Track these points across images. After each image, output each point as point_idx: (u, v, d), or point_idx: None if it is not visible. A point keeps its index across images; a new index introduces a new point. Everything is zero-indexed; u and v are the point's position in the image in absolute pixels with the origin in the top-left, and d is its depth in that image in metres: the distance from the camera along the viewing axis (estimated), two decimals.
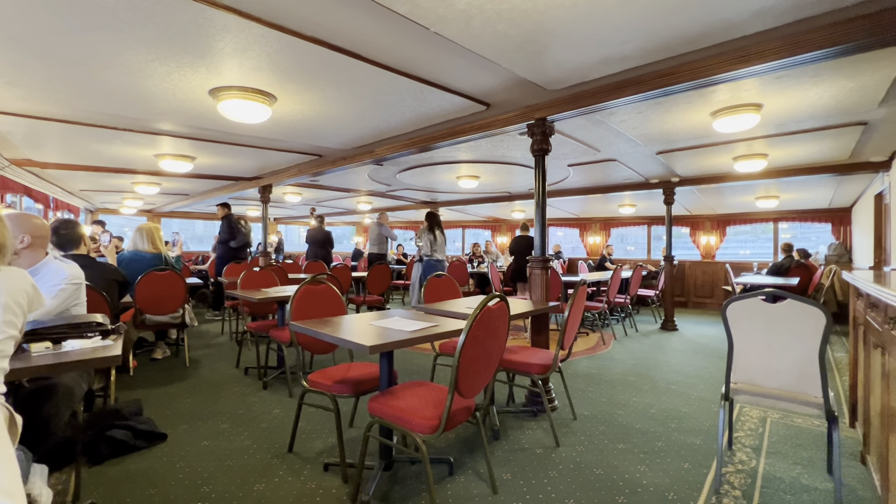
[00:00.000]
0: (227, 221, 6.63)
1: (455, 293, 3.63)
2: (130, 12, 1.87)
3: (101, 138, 4.16)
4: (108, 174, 6.04)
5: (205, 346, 4.82)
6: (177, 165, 4.87)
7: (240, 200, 9.16)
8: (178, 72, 2.50)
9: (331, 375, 2.32)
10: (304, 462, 2.30)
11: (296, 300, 2.58)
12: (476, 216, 11.57)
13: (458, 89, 2.85)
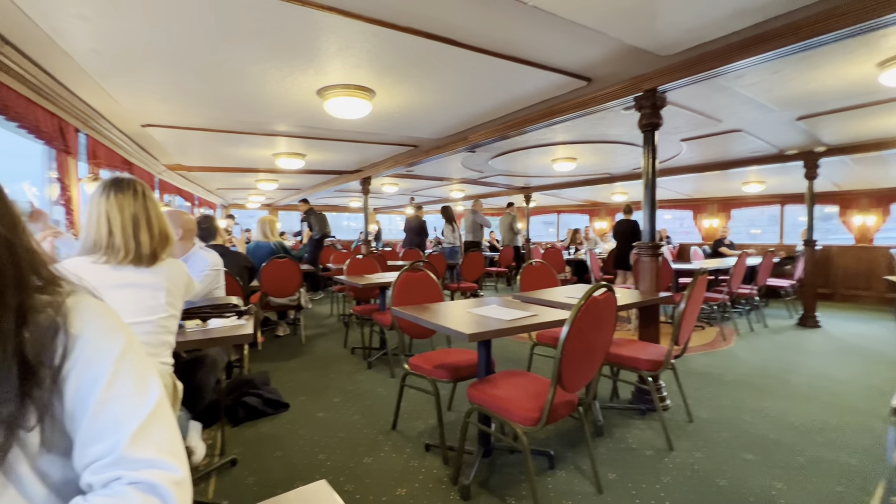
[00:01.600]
0: (311, 216, 7.28)
1: (552, 281, 3.49)
2: (253, 25, 2.07)
3: (231, 142, 4.75)
4: (237, 173, 6.91)
5: (317, 326, 5.32)
6: (290, 163, 5.38)
7: (342, 193, 9.89)
8: (290, 76, 2.73)
9: (431, 360, 2.39)
10: (407, 441, 2.41)
11: (396, 287, 2.69)
12: (571, 200, 11.04)
13: (556, 66, 2.69)
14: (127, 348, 0.61)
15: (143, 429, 0.57)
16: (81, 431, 0.56)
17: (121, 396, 0.57)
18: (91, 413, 0.56)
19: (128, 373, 0.59)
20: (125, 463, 0.54)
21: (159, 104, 3.30)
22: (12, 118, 2.23)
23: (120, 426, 0.56)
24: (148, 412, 0.58)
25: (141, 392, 0.59)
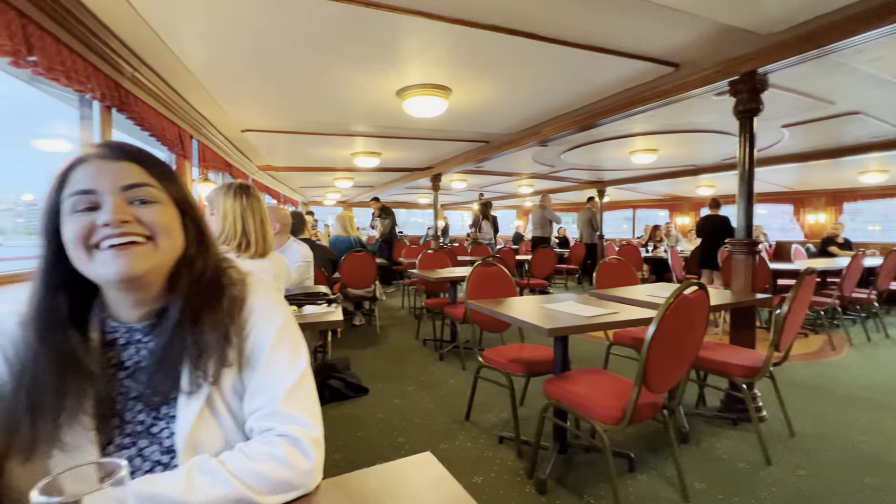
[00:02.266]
0: (384, 213, 7.57)
1: (630, 279, 3.34)
2: (339, 33, 2.21)
3: (314, 143, 5.11)
4: (317, 172, 7.40)
5: (389, 318, 5.56)
6: (367, 161, 5.66)
7: (411, 190, 10.18)
8: (373, 79, 2.88)
9: (505, 354, 2.41)
10: (480, 431, 2.46)
11: (471, 281, 2.74)
12: (650, 194, 10.40)
13: (640, 53, 2.56)
14: (287, 321, 0.74)
15: (293, 391, 0.68)
16: (251, 384, 0.68)
17: (280, 361, 0.69)
18: (260, 370, 0.68)
19: (286, 342, 0.71)
20: (277, 416, 0.66)
21: (256, 111, 3.65)
22: (146, 128, 2.60)
23: (276, 385, 0.68)
24: (297, 377, 0.69)
25: (294, 359, 0.71)
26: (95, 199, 0.60)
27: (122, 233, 0.59)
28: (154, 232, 0.62)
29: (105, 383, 0.64)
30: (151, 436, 0.65)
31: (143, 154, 0.66)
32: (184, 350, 0.64)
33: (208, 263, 0.70)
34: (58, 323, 0.62)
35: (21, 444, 0.57)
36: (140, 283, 0.64)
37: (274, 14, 2.00)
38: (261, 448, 0.63)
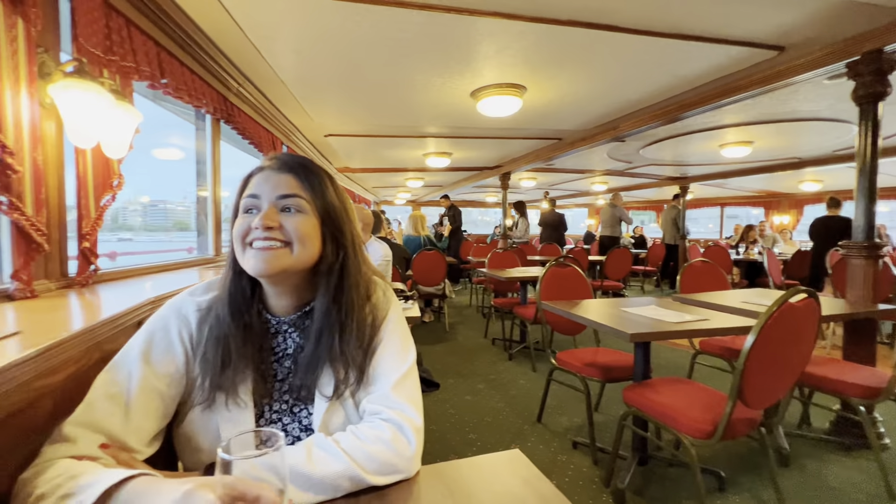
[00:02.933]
0: (452, 211, 7.61)
1: (720, 283, 3.09)
2: (419, 40, 2.29)
3: (388, 145, 5.32)
4: (390, 173, 7.69)
5: (457, 315, 5.63)
6: (438, 161, 5.78)
7: (479, 189, 10.20)
8: (450, 81, 2.94)
9: (580, 357, 2.35)
10: (553, 434, 2.42)
11: (544, 281, 2.70)
12: (741, 190, 9.49)
13: (738, 38, 2.35)
14: (399, 316, 0.82)
15: (402, 380, 0.74)
16: (368, 372, 0.76)
17: (392, 353, 0.77)
18: (375, 360, 0.76)
19: (398, 334, 0.79)
20: (387, 401, 0.72)
21: (338, 117, 3.88)
22: (246, 137, 2.88)
23: (389, 372, 0.75)
24: (406, 368, 0.76)
25: (404, 351, 0.78)
26: (258, 204, 0.70)
27: (265, 237, 0.68)
28: (292, 238, 0.69)
29: (261, 363, 0.75)
30: (293, 414, 0.75)
31: (303, 168, 0.73)
32: (327, 359, 0.73)
33: (348, 272, 0.75)
34: (242, 301, 0.74)
35: (202, 395, 0.70)
36: (277, 280, 0.73)
37: (361, 27, 2.13)
38: (370, 431, 0.69)
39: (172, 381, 0.71)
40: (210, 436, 0.71)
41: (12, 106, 1.10)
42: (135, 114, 1.38)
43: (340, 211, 0.75)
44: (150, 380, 0.69)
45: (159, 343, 0.72)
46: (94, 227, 1.43)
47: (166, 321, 0.74)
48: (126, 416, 0.66)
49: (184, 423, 0.73)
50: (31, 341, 0.72)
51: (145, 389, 0.68)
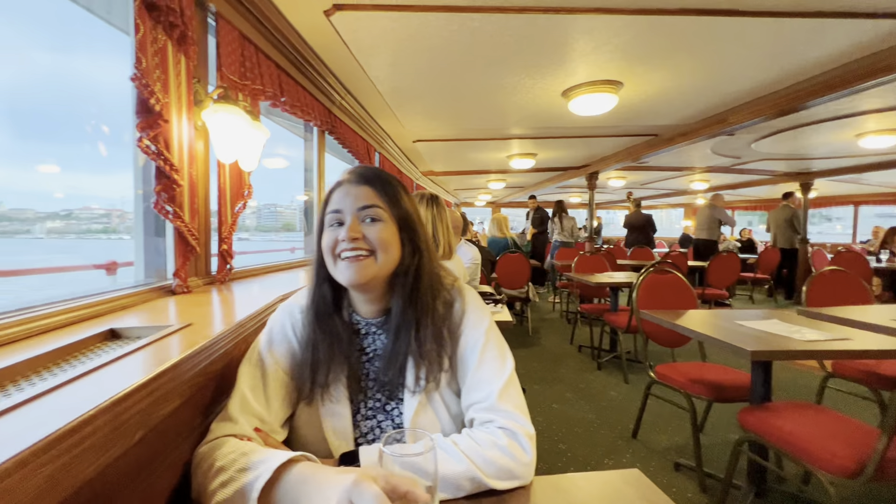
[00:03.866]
0: (540, 212, 7.39)
1: (860, 296, 2.65)
2: (513, 43, 2.29)
3: (472, 148, 5.37)
4: (472, 175, 7.76)
5: (540, 320, 5.51)
6: (522, 163, 5.71)
7: (562, 189, 9.87)
8: (540, 82, 2.89)
9: (684, 372, 2.17)
10: (651, 453, 2.27)
11: (642, 288, 2.54)
12: (881, 186, 8.07)
13: (886, 9, 2.01)
14: (492, 323, 0.82)
15: (506, 388, 0.75)
16: (467, 381, 0.77)
17: (491, 360, 0.77)
18: (473, 368, 0.77)
19: (494, 342, 0.79)
20: (496, 410, 0.73)
21: (427, 123, 4.01)
22: (345, 146, 3.10)
23: (491, 382, 0.75)
24: (507, 377, 0.77)
25: (503, 359, 0.78)
26: (342, 217, 0.76)
27: (352, 248, 0.73)
28: (375, 247, 0.74)
29: (354, 362, 0.80)
30: (386, 412, 0.79)
31: (378, 178, 0.78)
32: (406, 353, 0.76)
33: (422, 273, 0.79)
34: (326, 308, 0.81)
35: (305, 392, 0.77)
36: (366, 288, 0.78)
37: (458, 35, 2.18)
38: (486, 436, 0.71)
39: (291, 372, 0.79)
40: (315, 429, 0.77)
41: (177, 130, 1.31)
42: (264, 131, 1.56)
43: (414, 216, 0.79)
44: (277, 371, 0.78)
45: (278, 339, 0.81)
46: (231, 231, 1.64)
47: (282, 320, 0.83)
48: (268, 403, 0.76)
49: (294, 416, 0.80)
50: (202, 333, 0.84)
51: (275, 379, 0.78)
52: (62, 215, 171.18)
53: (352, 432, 0.76)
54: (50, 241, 56.75)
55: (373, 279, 0.75)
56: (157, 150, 1.21)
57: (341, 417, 0.76)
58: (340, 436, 0.76)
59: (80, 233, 57.66)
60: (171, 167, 1.25)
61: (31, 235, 58.31)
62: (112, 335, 0.88)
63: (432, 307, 0.78)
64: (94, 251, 39.29)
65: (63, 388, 0.56)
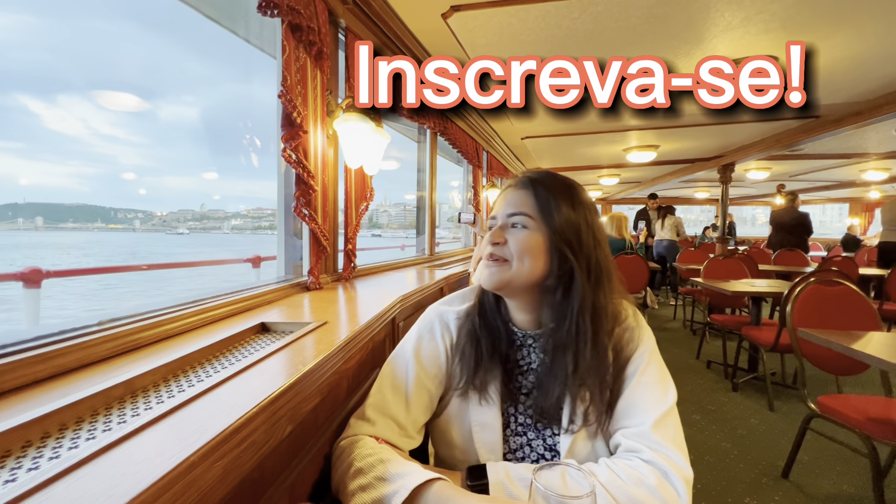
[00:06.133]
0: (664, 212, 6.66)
1: None
2: (642, 25, 2.07)
3: (583, 143, 5.07)
4: (580, 171, 7.35)
5: (660, 329, 5.00)
6: (641, 156, 5.23)
7: (686, 184, 8.84)
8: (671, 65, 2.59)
9: (860, 408, 1.76)
10: (808, 499, 1.89)
11: (799, 301, 2.13)
12: None
13: None
14: (654, 346, 0.74)
15: (664, 418, 0.66)
16: (621, 402, 0.70)
17: (650, 384, 0.69)
18: (629, 390, 0.70)
19: (654, 365, 0.71)
20: (646, 439, 0.65)
21: (539, 118, 3.88)
22: (455, 146, 3.15)
23: (647, 407, 0.67)
24: (668, 406, 0.67)
25: (663, 385, 0.70)
26: (495, 223, 0.74)
27: (491, 253, 0.72)
28: (512, 254, 0.71)
29: (509, 370, 0.77)
30: (538, 431, 0.75)
31: (537, 184, 0.73)
32: (564, 384, 0.69)
33: (574, 291, 0.70)
34: (489, 310, 0.79)
35: (459, 391, 0.76)
36: (508, 294, 0.74)
37: (578, 23, 2.05)
38: (630, 471, 0.62)
39: (436, 379, 0.78)
40: (463, 432, 0.76)
41: (313, 139, 1.43)
42: (385, 136, 1.63)
43: (574, 228, 0.71)
44: (422, 377, 0.78)
45: (427, 345, 0.80)
46: (355, 231, 1.76)
47: (432, 325, 0.82)
48: (407, 407, 0.76)
49: (440, 418, 0.79)
50: (336, 332, 0.89)
51: (418, 385, 0.77)
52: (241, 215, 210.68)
53: (501, 446, 0.74)
54: (232, 235, 71.94)
55: (506, 286, 0.72)
56: (297, 158, 1.33)
57: (492, 430, 0.74)
58: (489, 449, 0.74)
59: (254, 229, 71.63)
60: (308, 174, 1.36)
61: (220, 231, 74.66)
62: (263, 328, 0.98)
63: (594, 335, 0.70)
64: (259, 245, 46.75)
65: (229, 381, 0.62)
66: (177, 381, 0.65)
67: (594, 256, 0.72)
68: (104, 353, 0.70)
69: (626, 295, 0.77)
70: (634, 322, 0.74)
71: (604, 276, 0.73)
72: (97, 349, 0.69)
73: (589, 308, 0.70)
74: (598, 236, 0.73)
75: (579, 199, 0.74)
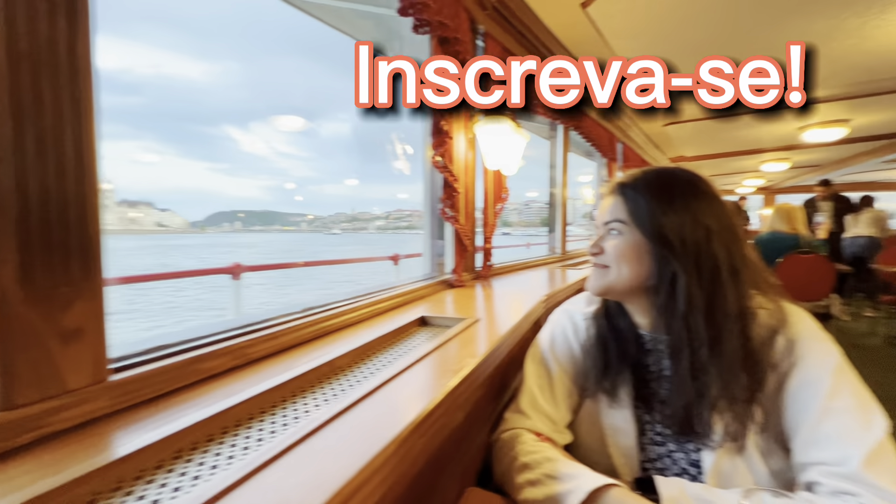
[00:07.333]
0: (840, 203, 5.33)
1: None
2: None
3: (741, 125, 4.36)
4: (735, 158, 6.34)
5: (851, 346, 4.05)
6: (824, 134, 4.30)
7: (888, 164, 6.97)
8: (871, 21, 2.08)
9: None
10: None
11: None
12: None
13: None
14: (841, 363, 0.62)
15: (877, 455, 0.54)
16: (803, 432, 0.60)
17: (845, 411, 0.58)
18: (814, 418, 0.59)
19: (848, 387, 0.59)
20: (861, 482, 0.53)
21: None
22: (589, 140, 3.00)
23: (847, 440, 0.56)
24: (879, 439, 0.55)
25: (866, 412, 0.58)
26: (598, 230, 0.75)
27: (592, 262, 0.74)
28: (609, 261, 0.71)
29: (640, 374, 0.74)
30: (678, 443, 0.69)
31: (628, 187, 0.71)
32: (687, 390, 0.64)
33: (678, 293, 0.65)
34: (615, 312, 0.77)
35: (589, 393, 0.76)
36: (614, 298, 0.75)
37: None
38: None
39: (573, 378, 0.79)
40: (595, 435, 0.75)
41: (456, 143, 1.50)
42: (525, 136, 1.63)
43: (673, 226, 0.65)
44: (560, 374, 0.79)
45: (560, 344, 0.81)
46: (492, 230, 1.80)
47: (563, 326, 0.83)
48: (556, 404, 0.78)
49: (575, 420, 0.79)
50: (491, 329, 0.93)
51: (559, 381, 0.79)
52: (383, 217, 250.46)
53: (637, 454, 0.72)
54: (376, 235, 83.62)
55: (608, 292, 0.72)
56: (444, 163, 1.42)
57: (626, 436, 0.72)
58: (625, 456, 0.72)
59: (394, 229, 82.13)
60: (453, 177, 1.44)
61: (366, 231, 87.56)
62: (422, 322, 1.07)
63: (708, 337, 0.63)
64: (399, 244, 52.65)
65: (413, 368, 0.69)
66: (365, 364, 0.76)
67: (706, 251, 0.65)
68: (308, 336, 0.84)
69: (779, 294, 0.67)
70: (797, 328, 0.63)
71: (723, 272, 0.64)
72: (303, 332, 0.83)
73: (701, 308, 0.63)
74: (714, 226, 0.65)
75: (680, 192, 0.68)
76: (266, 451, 0.43)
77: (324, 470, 0.40)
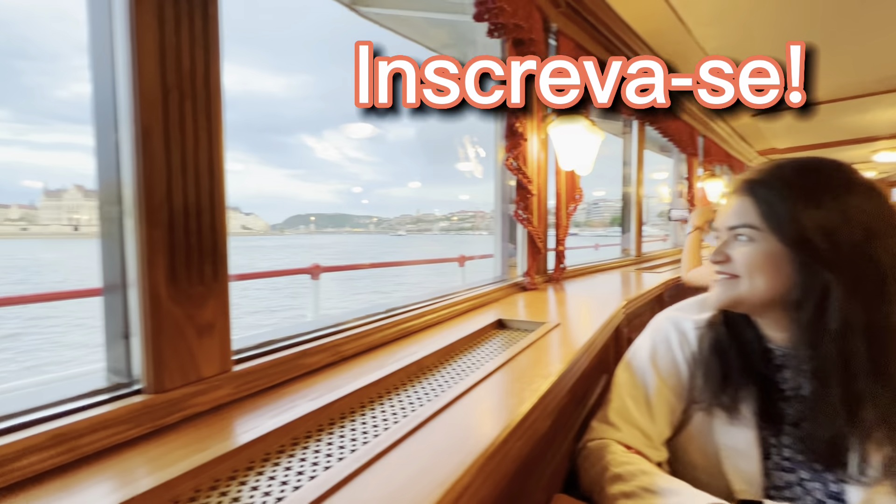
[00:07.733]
0: None
1: None
2: None
3: (847, 110, 3.85)
4: (837, 148, 5.63)
5: None
6: None
7: None
8: None
9: None
10: None
11: None
12: None
13: None
14: None
15: None
16: None
17: None
18: None
19: None
20: None
21: None
22: (666, 135, 2.82)
23: None
24: None
25: None
26: (720, 235, 0.68)
27: (716, 270, 0.66)
28: (738, 271, 0.63)
29: (766, 391, 0.66)
30: (815, 472, 0.62)
31: (763, 185, 0.62)
32: (842, 421, 0.56)
33: (829, 310, 0.56)
34: (738, 321, 0.69)
35: (703, 405, 0.69)
36: (743, 311, 0.67)
37: None
38: None
39: (676, 391, 0.73)
40: (707, 454, 0.68)
41: (530, 146, 1.49)
42: (600, 134, 1.58)
43: (821, 228, 0.56)
44: (661, 388, 0.73)
45: (663, 354, 0.75)
46: (565, 232, 1.75)
47: (667, 334, 0.76)
48: (651, 417, 0.72)
49: (681, 434, 0.73)
50: (573, 334, 0.91)
51: (659, 396, 0.73)
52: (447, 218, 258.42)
53: (761, 479, 0.64)
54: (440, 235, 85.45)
55: (737, 305, 0.65)
56: (517, 165, 1.41)
57: (748, 459, 0.65)
58: (745, 479, 0.65)
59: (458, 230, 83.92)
60: (527, 179, 1.43)
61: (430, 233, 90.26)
62: (500, 325, 1.07)
63: (869, 361, 0.55)
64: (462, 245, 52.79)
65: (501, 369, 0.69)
66: (450, 364, 0.77)
67: (864, 256, 0.55)
68: (392, 336, 0.88)
69: None
70: None
71: (890, 282, 0.55)
72: (388, 332, 0.87)
73: (860, 327, 0.54)
74: (874, 226, 0.55)
75: (827, 186, 0.58)
76: (377, 444, 0.46)
77: (435, 466, 0.41)
